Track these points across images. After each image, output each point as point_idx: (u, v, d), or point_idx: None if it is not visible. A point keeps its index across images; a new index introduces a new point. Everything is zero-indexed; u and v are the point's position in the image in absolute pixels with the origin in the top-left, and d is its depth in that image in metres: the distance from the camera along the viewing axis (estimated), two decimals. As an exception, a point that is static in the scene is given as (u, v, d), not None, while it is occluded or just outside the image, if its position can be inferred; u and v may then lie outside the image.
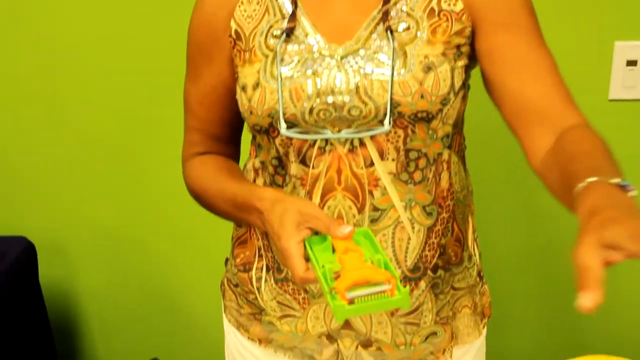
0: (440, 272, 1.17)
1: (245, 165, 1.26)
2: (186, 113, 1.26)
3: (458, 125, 1.15)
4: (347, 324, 1.18)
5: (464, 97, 1.13)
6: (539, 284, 2.19)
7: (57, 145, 2.16)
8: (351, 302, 0.87)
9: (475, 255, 1.25)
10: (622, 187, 0.82)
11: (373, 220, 1.10)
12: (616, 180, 0.82)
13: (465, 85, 1.12)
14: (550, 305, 2.20)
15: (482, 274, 1.30)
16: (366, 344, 1.19)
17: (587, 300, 0.69)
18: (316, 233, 0.99)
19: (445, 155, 1.14)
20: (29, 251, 2.12)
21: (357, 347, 1.19)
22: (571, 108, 1.07)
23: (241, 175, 1.23)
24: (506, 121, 1.10)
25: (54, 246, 2.28)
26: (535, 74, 1.07)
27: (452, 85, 1.07)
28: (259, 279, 1.23)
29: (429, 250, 1.15)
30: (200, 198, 1.23)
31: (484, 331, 1.32)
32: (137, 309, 2.33)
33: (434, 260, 1.16)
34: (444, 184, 1.15)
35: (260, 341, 1.28)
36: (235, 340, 1.33)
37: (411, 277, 1.15)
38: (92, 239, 2.27)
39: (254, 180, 1.22)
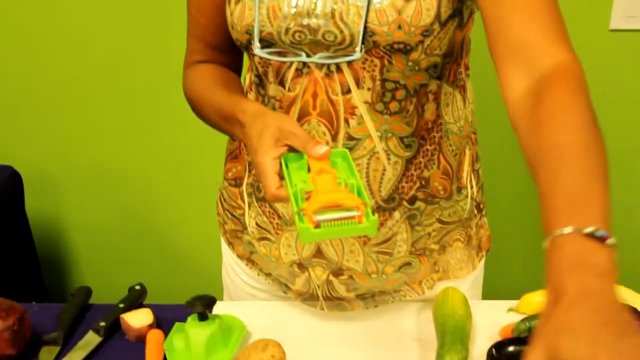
0: (419, 204, 1.14)
1: (245, 79, 1.24)
2: (188, 21, 1.24)
3: (454, 54, 1.10)
4: (318, 252, 1.17)
5: (461, 26, 1.07)
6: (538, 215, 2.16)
7: (47, 74, 2.13)
8: (318, 225, 0.86)
9: (471, 187, 1.21)
10: (599, 238, 0.72)
11: (347, 149, 1.07)
12: (590, 229, 0.72)
13: (460, 13, 1.05)
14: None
15: (482, 206, 1.27)
16: (337, 272, 1.18)
17: None
18: (294, 150, 0.97)
19: (433, 86, 1.09)
20: (15, 180, 2.10)
21: (328, 276, 1.19)
22: (556, 43, 0.92)
23: (235, 86, 1.20)
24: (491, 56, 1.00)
25: (42, 177, 2.27)
26: (517, 2, 0.95)
27: (438, 15, 1.01)
28: (250, 195, 1.23)
29: (407, 182, 1.12)
30: (194, 106, 1.21)
31: (480, 264, 1.29)
32: (124, 238, 2.33)
33: (412, 192, 1.13)
34: (429, 115, 1.11)
35: (247, 260, 1.29)
36: (228, 256, 1.35)
37: (385, 207, 1.13)
38: (80, 170, 2.25)
39: (247, 94, 1.20)
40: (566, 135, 0.82)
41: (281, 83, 1.09)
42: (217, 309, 1.23)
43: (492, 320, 1.18)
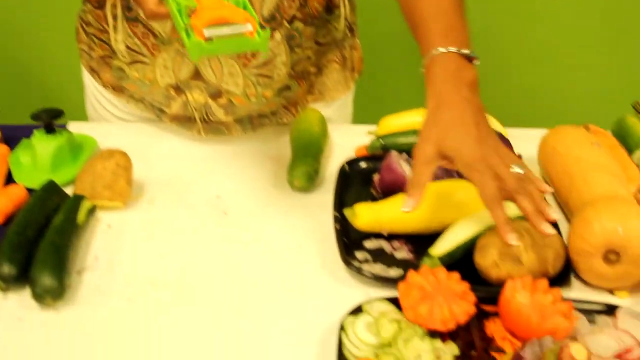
0: (297, 24, 1.12)
1: None
2: None
3: None
4: (196, 75, 1.13)
5: None
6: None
7: None
8: (208, 40, 0.82)
9: (344, 7, 1.20)
10: (468, 58, 0.92)
11: None
12: (465, 51, 0.92)
13: None
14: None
15: (353, 27, 1.26)
16: (216, 95, 1.15)
17: (407, 207, 0.87)
18: None
19: None
20: None
21: (206, 99, 1.15)
22: None
23: None
24: None
25: None
26: None
27: None
28: (114, 17, 1.15)
29: (287, 1, 1.09)
30: None
31: (353, 86, 1.30)
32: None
33: (292, 12, 1.10)
34: None
35: (113, 89, 1.23)
36: (92, 86, 1.29)
37: (266, 28, 1.09)
38: None
39: None
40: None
41: None
42: (75, 130, 1.17)
43: (352, 143, 1.17)
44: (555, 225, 0.98)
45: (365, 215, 0.96)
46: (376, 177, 1.05)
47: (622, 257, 0.90)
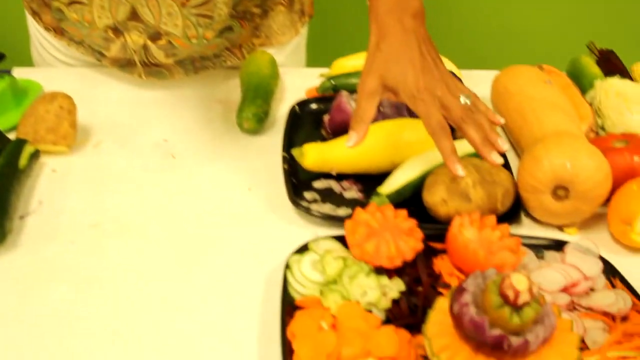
0: None
1: None
2: None
3: None
4: (134, 15, 1.10)
5: None
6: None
7: None
8: None
9: None
10: None
11: None
12: None
13: None
14: None
15: None
16: (155, 37, 1.12)
17: (351, 141, 0.85)
18: None
19: None
20: None
21: (145, 41, 1.12)
22: None
23: None
24: None
25: None
26: None
27: None
28: None
29: None
30: None
31: (303, 30, 1.27)
32: None
33: None
34: None
35: (55, 31, 1.20)
36: (35, 30, 1.26)
37: None
38: None
39: None
40: None
41: None
42: (20, 75, 1.13)
43: (304, 85, 1.15)
44: (505, 161, 0.97)
45: (313, 154, 0.95)
46: (326, 118, 1.03)
47: (571, 193, 0.90)
